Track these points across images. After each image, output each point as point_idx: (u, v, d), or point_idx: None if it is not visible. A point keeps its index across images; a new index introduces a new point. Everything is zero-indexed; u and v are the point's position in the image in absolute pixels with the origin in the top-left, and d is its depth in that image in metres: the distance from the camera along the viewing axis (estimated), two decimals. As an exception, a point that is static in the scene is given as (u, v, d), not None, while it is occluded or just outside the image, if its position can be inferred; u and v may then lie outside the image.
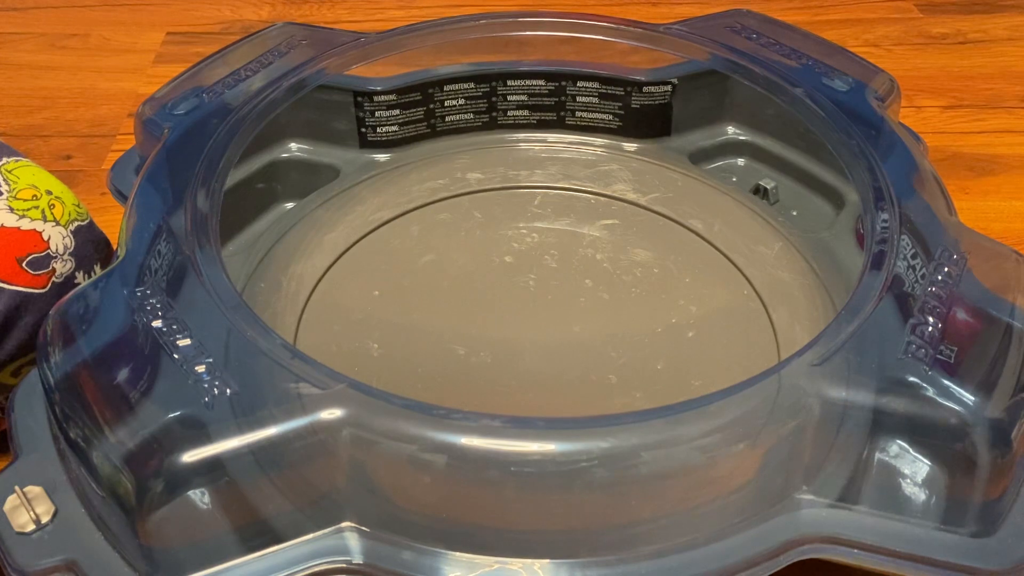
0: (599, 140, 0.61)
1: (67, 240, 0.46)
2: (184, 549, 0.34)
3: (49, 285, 0.45)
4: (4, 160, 0.47)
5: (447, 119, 0.61)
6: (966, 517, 0.36)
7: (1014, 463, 0.36)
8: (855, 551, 0.36)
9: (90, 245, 0.48)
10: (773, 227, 0.54)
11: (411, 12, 0.91)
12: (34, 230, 0.45)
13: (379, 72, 0.58)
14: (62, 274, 0.46)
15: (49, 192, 0.47)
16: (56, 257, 0.45)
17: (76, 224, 0.47)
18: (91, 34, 0.87)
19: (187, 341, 0.37)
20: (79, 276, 0.47)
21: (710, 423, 0.35)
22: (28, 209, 0.45)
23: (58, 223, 0.46)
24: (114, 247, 0.49)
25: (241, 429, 0.34)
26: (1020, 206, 0.67)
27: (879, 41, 0.86)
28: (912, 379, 0.36)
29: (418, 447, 0.34)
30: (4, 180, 0.46)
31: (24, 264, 0.44)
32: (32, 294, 0.44)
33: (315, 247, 0.52)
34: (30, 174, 0.47)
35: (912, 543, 0.36)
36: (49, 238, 0.45)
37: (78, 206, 0.48)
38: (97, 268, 0.48)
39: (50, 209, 0.46)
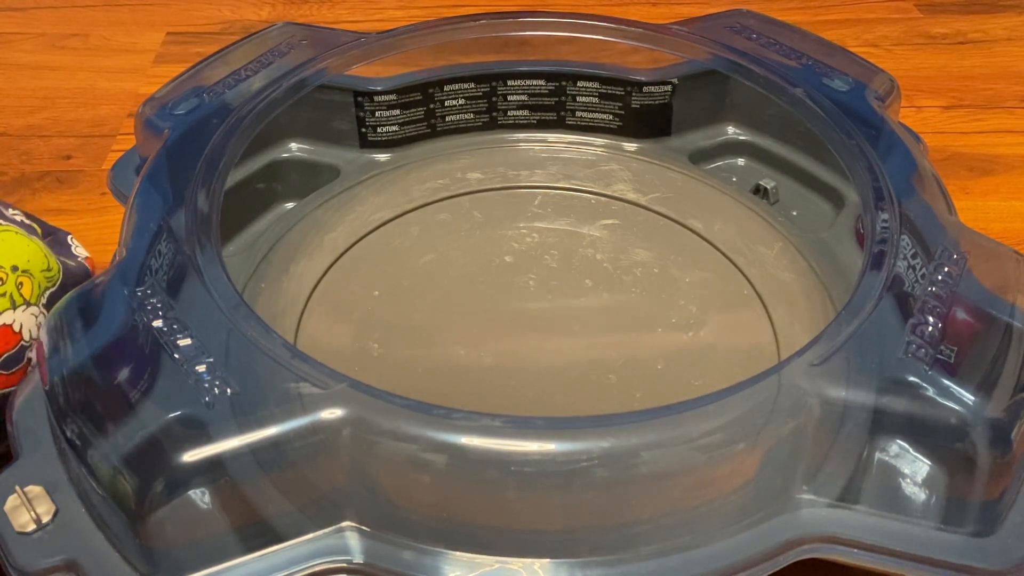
0: (599, 140, 0.61)
1: (39, 318, 0.43)
2: (184, 549, 0.34)
3: (25, 375, 0.42)
4: None
5: (447, 119, 0.61)
6: (966, 517, 0.36)
7: (1014, 463, 0.36)
8: (855, 551, 0.36)
9: None
10: (773, 227, 0.54)
11: (411, 12, 0.91)
12: (3, 324, 0.42)
13: (379, 72, 0.58)
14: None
15: (15, 268, 0.43)
16: (29, 346, 0.42)
17: (48, 293, 0.44)
18: (91, 34, 0.87)
19: (187, 341, 0.37)
20: None
21: (710, 423, 0.35)
22: None
23: (28, 304, 0.43)
24: (95, 272, 0.48)
25: (241, 429, 0.34)
26: (1020, 206, 0.67)
27: (879, 41, 0.86)
28: (912, 379, 0.36)
29: (418, 447, 0.34)
30: None
31: None
32: (7, 393, 0.41)
33: (315, 247, 0.52)
34: None
35: (912, 543, 0.36)
36: (20, 327, 0.42)
37: (47, 269, 0.45)
38: None
39: (18, 290, 0.42)
